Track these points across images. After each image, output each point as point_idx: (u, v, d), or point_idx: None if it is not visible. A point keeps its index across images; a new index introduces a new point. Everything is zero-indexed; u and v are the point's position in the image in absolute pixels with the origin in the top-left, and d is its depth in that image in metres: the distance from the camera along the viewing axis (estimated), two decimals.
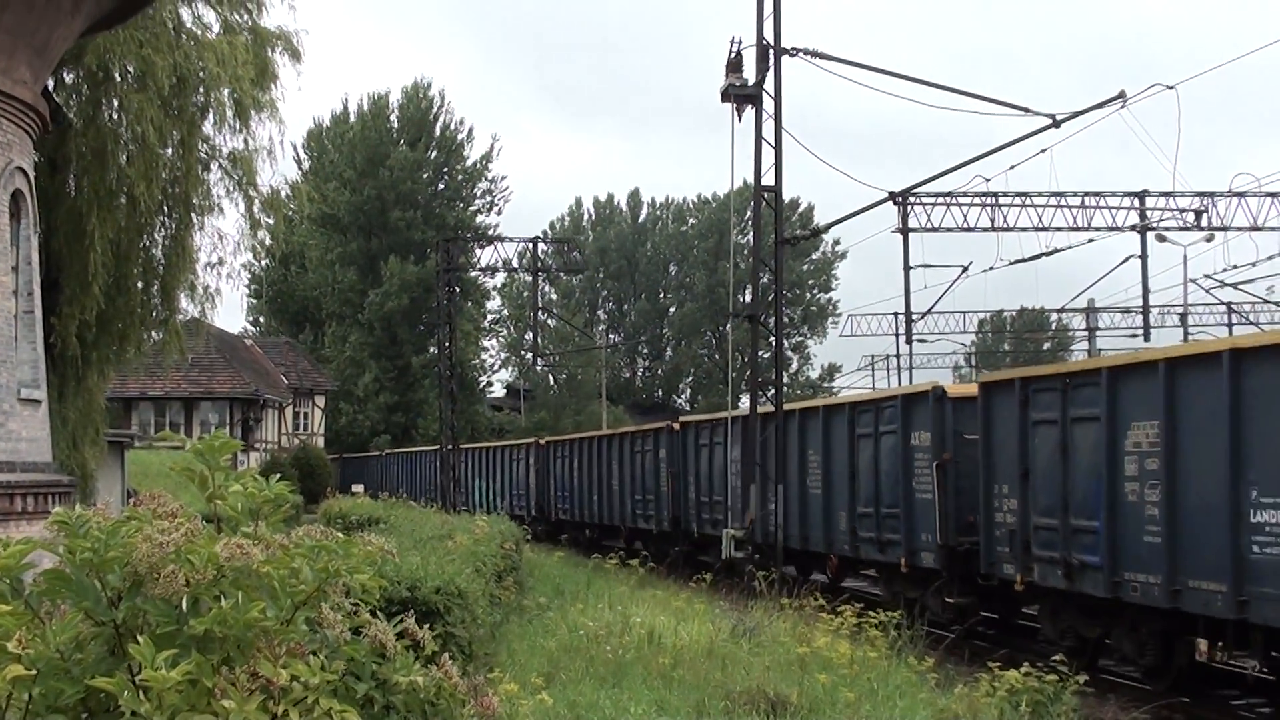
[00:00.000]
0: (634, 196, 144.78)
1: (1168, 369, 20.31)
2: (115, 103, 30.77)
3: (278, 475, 6.46)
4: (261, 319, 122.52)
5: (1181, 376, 20.16)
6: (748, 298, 41.74)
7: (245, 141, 33.70)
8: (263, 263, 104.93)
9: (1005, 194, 49.26)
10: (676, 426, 44.93)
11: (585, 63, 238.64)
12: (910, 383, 61.90)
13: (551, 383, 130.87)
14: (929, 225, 49.46)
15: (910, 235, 48.57)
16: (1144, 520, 20.74)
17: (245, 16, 33.92)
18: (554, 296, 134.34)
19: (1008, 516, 24.93)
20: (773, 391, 35.98)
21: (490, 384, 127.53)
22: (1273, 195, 49.82)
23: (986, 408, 25.92)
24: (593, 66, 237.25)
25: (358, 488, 76.49)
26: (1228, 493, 18.78)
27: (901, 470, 28.80)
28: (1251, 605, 18.40)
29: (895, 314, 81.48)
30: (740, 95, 34.86)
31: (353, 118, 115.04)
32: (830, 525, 32.27)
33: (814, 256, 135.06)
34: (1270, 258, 53.85)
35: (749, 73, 34.78)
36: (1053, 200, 49.93)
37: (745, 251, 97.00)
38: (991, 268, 50.78)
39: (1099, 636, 23.10)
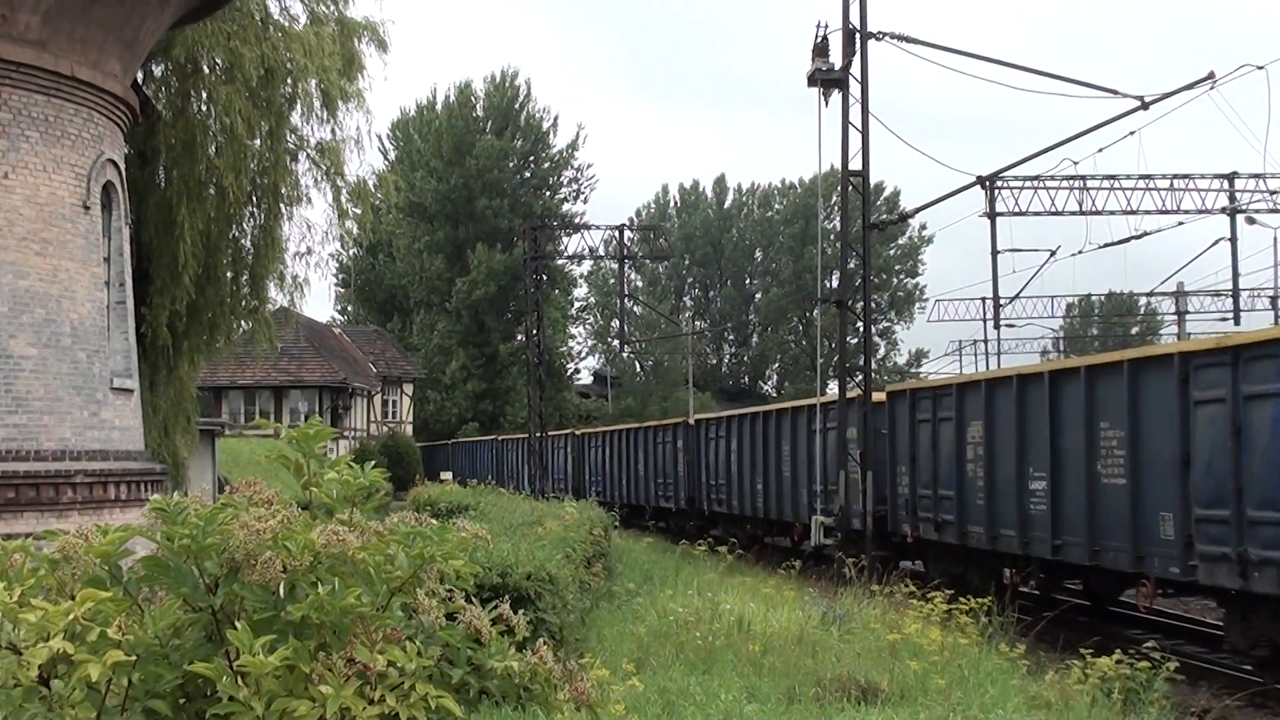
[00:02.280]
0: (719, 182, 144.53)
1: (987, 387, 29.29)
2: (204, 94, 31.01)
3: (371, 463, 6.50)
4: (350, 308, 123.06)
5: (994, 392, 28.97)
6: (834, 283, 41.71)
7: (332, 132, 33.92)
8: (350, 252, 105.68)
9: (1093, 177, 49.08)
10: (692, 422, 53.32)
11: (669, 47, 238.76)
12: (998, 367, 62.02)
13: (638, 369, 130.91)
14: (1017, 209, 49.32)
15: (998, 219, 48.44)
16: (978, 490, 29.36)
17: (332, 7, 34.12)
18: (640, 283, 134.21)
19: (904, 489, 33.27)
20: (861, 377, 35.88)
21: (577, 371, 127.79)
22: None
23: (891, 411, 34.47)
24: (677, 50, 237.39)
25: (446, 475, 76.81)
26: (1016, 470, 27.61)
27: (834, 455, 36.68)
28: (1030, 544, 27.20)
29: (983, 299, 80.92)
30: (827, 80, 34.74)
31: (439, 107, 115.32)
32: (795, 499, 40.57)
33: (901, 241, 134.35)
34: None
35: (835, 57, 34.65)
36: (1141, 183, 49.70)
37: (832, 237, 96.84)
38: (1080, 251, 50.53)
39: (960, 574, 29.69)
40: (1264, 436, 20.52)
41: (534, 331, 70.68)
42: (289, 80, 32.12)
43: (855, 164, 35.16)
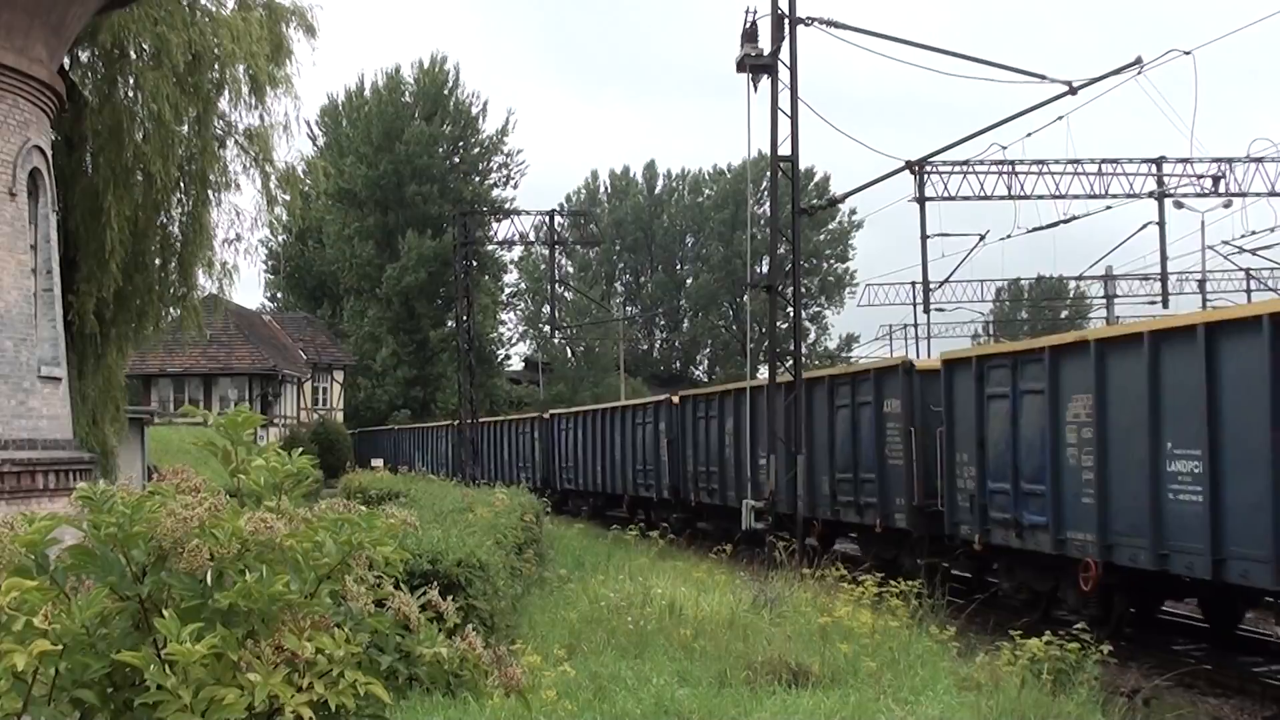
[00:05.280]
0: (649, 168, 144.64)
1: (736, 395, 40.24)
2: (131, 80, 30.76)
3: (299, 450, 6.48)
4: (279, 295, 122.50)
5: (738, 400, 39.58)
6: (765, 268, 41.91)
7: (261, 117, 33.69)
8: (280, 238, 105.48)
9: (1022, 162, 49.26)
10: (547, 416, 65.92)
11: (598, 32, 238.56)
12: (928, 355, 62.58)
13: (569, 355, 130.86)
14: (946, 194, 49.46)
15: (927, 204, 48.57)
16: (730, 468, 40.60)
17: None
18: (571, 269, 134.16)
19: (689, 465, 44.65)
20: (791, 362, 35.98)
21: (508, 357, 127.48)
22: None
23: (670, 411, 46.85)
24: (602, 35, 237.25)
25: (377, 462, 76.88)
26: (750, 454, 37.30)
27: (652, 444, 48.45)
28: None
29: (913, 283, 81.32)
30: (756, 65, 34.74)
31: (368, 93, 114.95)
32: (624, 477, 52.09)
33: (831, 226, 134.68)
34: None
35: (764, 42, 34.65)
36: (1070, 168, 49.89)
37: (762, 222, 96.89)
38: (1009, 236, 50.75)
39: (726, 526, 39.21)
40: (866, 429, 32.01)
41: (464, 318, 70.77)
42: (217, 66, 31.89)
43: (785, 149, 35.20)
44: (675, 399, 47.53)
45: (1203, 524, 20.06)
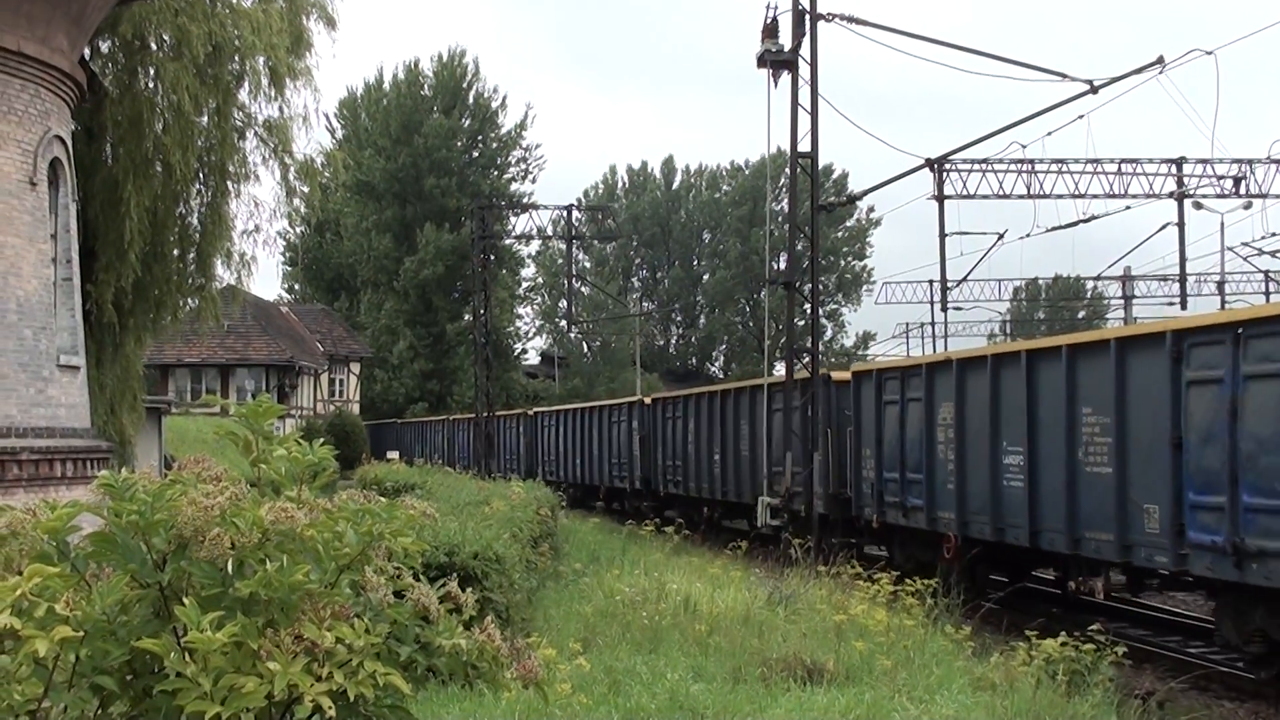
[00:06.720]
0: (668, 164, 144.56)
1: (701, 398, 44.58)
2: (151, 71, 30.79)
3: (320, 440, 6.48)
4: (297, 286, 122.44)
5: (699, 402, 44.38)
6: (782, 265, 41.85)
7: (280, 109, 33.70)
8: (298, 230, 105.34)
9: (1042, 161, 49.12)
10: (531, 414, 70.72)
11: (615, 25, 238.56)
12: (945, 349, 62.72)
13: (585, 350, 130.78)
14: (965, 192, 49.33)
15: (946, 202, 48.45)
16: (692, 462, 44.48)
17: None
18: (588, 264, 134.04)
19: (661, 461, 48.29)
20: (808, 358, 35.94)
21: (525, 351, 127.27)
22: None
23: (643, 411, 50.69)
24: (622, 29, 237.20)
25: (393, 454, 76.98)
26: (707, 451, 42.48)
27: (626, 440, 52.03)
28: (702, 491, 43.23)
29: (930, 281, 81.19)
30: (776, 61, 34.68)
31: (386, 85, 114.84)
32: (601, 470, 56.10)
33: (849, 223, 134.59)
34: None
35: (785, 38, 34.60)
36: (1089, 167, 49.77)
37: (780, 218, 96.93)
38: (1027, 235, 50.66)
39: (688, 511, 44.48)
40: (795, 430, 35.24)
41: (481, 311, 70.83)
42: (237, 57, 31.91)
43: (804, 146, 35.14)
44: (647, 400, 52.27)
45: (1024, 504, 25.06)
